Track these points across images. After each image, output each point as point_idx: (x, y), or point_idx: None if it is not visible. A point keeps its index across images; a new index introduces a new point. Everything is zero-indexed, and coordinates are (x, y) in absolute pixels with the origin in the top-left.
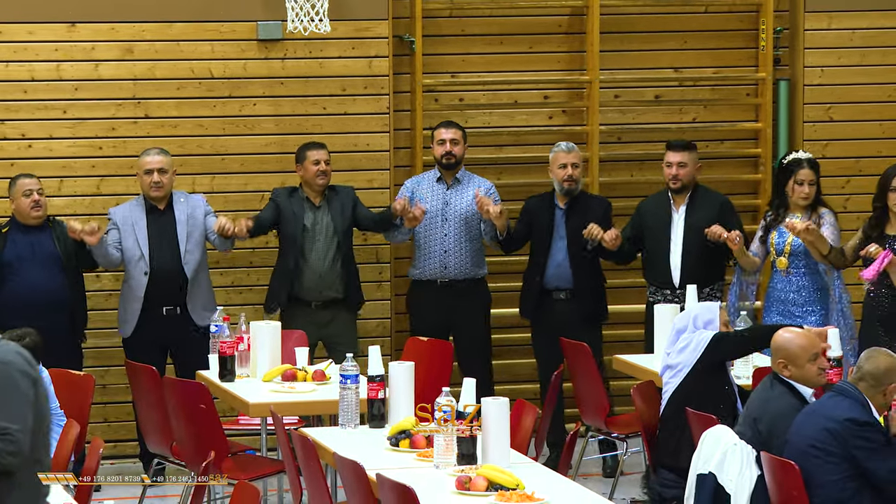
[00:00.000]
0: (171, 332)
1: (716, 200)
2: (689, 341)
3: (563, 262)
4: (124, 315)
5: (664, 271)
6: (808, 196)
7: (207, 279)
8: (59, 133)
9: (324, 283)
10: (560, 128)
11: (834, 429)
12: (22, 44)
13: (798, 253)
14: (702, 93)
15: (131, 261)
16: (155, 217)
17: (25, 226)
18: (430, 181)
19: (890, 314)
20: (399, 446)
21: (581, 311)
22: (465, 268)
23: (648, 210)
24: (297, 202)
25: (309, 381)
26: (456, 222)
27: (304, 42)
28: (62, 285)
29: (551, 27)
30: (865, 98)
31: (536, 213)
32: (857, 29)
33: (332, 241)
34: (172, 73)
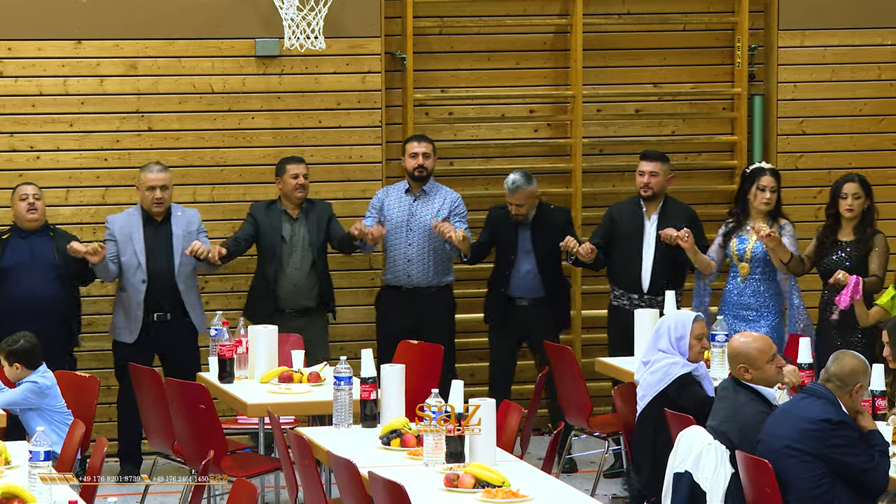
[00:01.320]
0: (163, 338)
1: (685, 211)
2: (659, 365)
3: (527, 272)
4: (124, 322)
5: (634, 277)
6: (770, 202)
7: (197, 290)
8: (65, 145)
9: (300, 292)
10: (545, 140)
11: (809, 429)
12: (30, 60)
13: (758, 259)
14: (680, 107)
15: (129, 269)
16: (152, 228)
17: (25, 232)
18: (398, 192)
19: (842, 320)
20: (390, 445)
21: (544, 318)
22: (429, 276)
23: (620, 217)
24: (276, 215)
25: (304, 383)
26: (420, 233)
27: (300, 58)
28: (57, 292)
29: (537, 44)
30: (836, 112)
31: (499, 224)
32: (828, 46)
33: (308, 253)
34: (174, 87)
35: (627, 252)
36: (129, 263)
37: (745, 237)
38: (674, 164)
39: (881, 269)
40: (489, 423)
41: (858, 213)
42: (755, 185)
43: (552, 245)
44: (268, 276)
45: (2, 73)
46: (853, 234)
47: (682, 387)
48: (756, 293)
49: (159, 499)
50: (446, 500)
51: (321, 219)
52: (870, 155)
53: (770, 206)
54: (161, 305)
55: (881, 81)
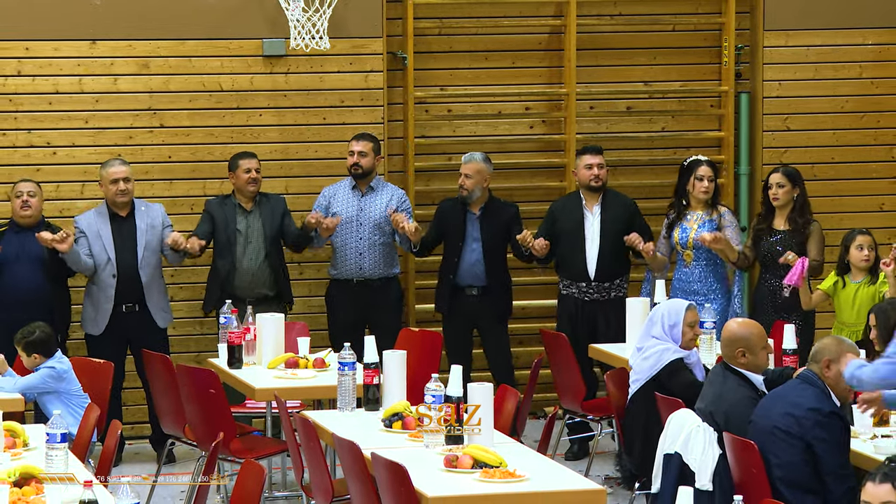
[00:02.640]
0: (132, 328)
1: (625, 202)
2: (651, 351)
3: (475, 262)
4: (93, 314)
5: (580, 266)
6: (708, 190)
7: (162, 282)
8: (81, 141)
9: (256, 281)
10: (540, 136)
11: (798, 415)
12: (47, 59)
13: (700, 246)
14: (669, 104)
15: (100, 264)
16: (118, 224)
17: (20, 227)
18: (346, 189)
19: (784, 301)
20: (392, 427)
21: (490, 306)
22: (379, 268)
23: (561, 212)
24: (230, 208)
25: (310, 369)
26: (369, 227)
27: (305, 58)
28: (43, 285)
29: (532, 44)
30: (819, 109)
31: (448, 216)
32: (811, 46)
33: (262, 244)
34: (185, 86)
35: (572, 245)
36: (98, 258)
37: (687, 226)
38: (664, 159)
39: (820, 254)
40: (487, 406)
41: (785, 202)
42: (693, 176)
43: (499, 236)
44: (225, 267)
45: (20, 72)
46: (787, 223)
47: (672, 372)
48: (702, 278)
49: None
50: (446, 479)
51: (275, 212)
52: (851, 150)
53: (708, 195)
54: (128, 298)
55: (862, 80)
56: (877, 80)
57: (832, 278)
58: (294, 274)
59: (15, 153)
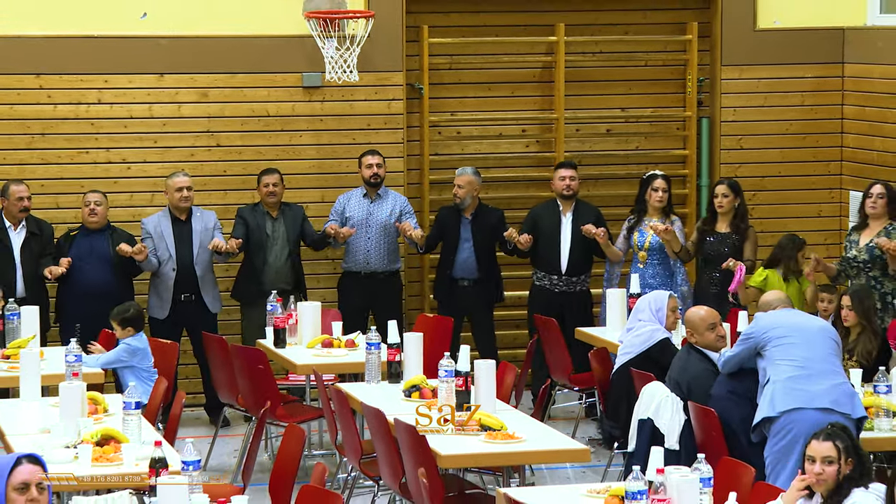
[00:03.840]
0: (188, 314)
1: (592, 210)
2: (643, 330)
3: (467, 258)
4: (158, 302)
5: (554, 261)
6: (662, 200)
7: (213, 275)
8: (150, 158)
9: (279, 277)
10: (534, 154)
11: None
12: (122, 90)
13: (654, 249)
14: (642, 127)
15: (162, 261)
16: (178, 226)
17: (89, 231)
18: (357, 197)
19: (717, 293)
20: (411, 397)
21: (480, 295)
22: (383, 263)
23: (541, 216)
24: (259, 215)
25: (342, 348)
26: (376, 229)
27: (338, 88)
28: (110, 281)
29: (527, 77)
30: (768, 131)
31: (447, 220)
32: (761, 78)
33: (286, 245)
34: (237, 112)
35: (548, 242)
36: (161, 256)
37: (644, 231)
38: (638, 173)
39: (754, 254)
40: (490, 380)
41: (728, 209)
42: (650, 187)
43: (487, 236)
44: (255, 264)
45: (100, 100)
46: (728, 227)
47: (664, 348)
48: (654, 275)
49: (227, 440)
50: (456, 441)
51: (296, 219)
52: (796, 166)
53: (663, 204)
54: (186, 288)
55: (804, 107)
56: (816, 107)
57: (761, 274)
58: (309, 269)
59: (96, 168)
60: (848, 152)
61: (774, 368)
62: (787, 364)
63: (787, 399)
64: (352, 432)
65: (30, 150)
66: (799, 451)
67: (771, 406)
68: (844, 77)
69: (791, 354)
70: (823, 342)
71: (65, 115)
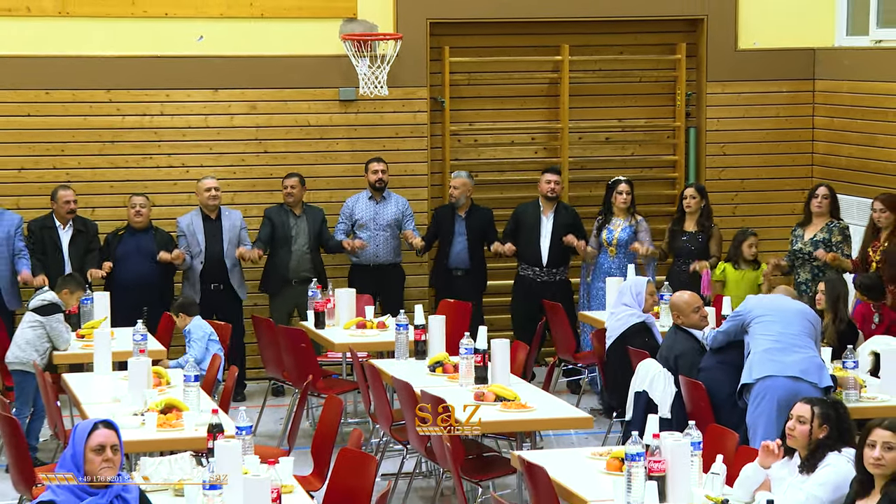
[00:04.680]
0: (219, 300)
1: (571, 212)
2: (621, 315)
3: (461, 251)
4: (190, 291)
5: (536, 255)
6: (626, 201)
7: (240, 268)
8: (206, 163)
9: (301, 267)
10: (542, 159)
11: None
12: (182, 103)
13: (621, 244)
14: (637, 136)
15: (194, 255)
16: (209, 224)
17: (134, 230)
18: (364, 199)
19: (687, 281)
20: (435, 372)
21: (471, 284)
22: (388, 257)
23: (524, 214)
24: (285, 214)
25: (374, 329)
26: (382, 227)
27: (370, 101)
28: (153, 273)
29: (536, 92)
30: (748, 140)
31: (442, 219)
32: (741, 93)
33: (307, 241)
34: (282, 122)
35: (531, 239)
36: (192, 250)
37: (612, 229)
38: (632, 177)
39: (718, 250)
40: (504, 357)
41: (695, 210)
42: (615, 191)
43: (478, 232)
44: (280, 256)
45: (162, 112)
46: (695, 226)
47: (635, 332)
48: (620, 267)
49: (274, 409)
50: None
51: (316, 219)
52: (772, 170)
53: (626, 205)
54: (216, 279)
55: (779, 117)
56: (790, 118)
57: (720, 267)
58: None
59: (158, 171)
60: (818, 158)
61: (755, 342)
62: (764, 338)
63: (762, 368)
64: (383, 402)
65: (101, 155)
66: (769, 414)
67: (749, 373)
68: (815, 92)
69: (769, 330)
70: (800, 321)
71: (131, 125)
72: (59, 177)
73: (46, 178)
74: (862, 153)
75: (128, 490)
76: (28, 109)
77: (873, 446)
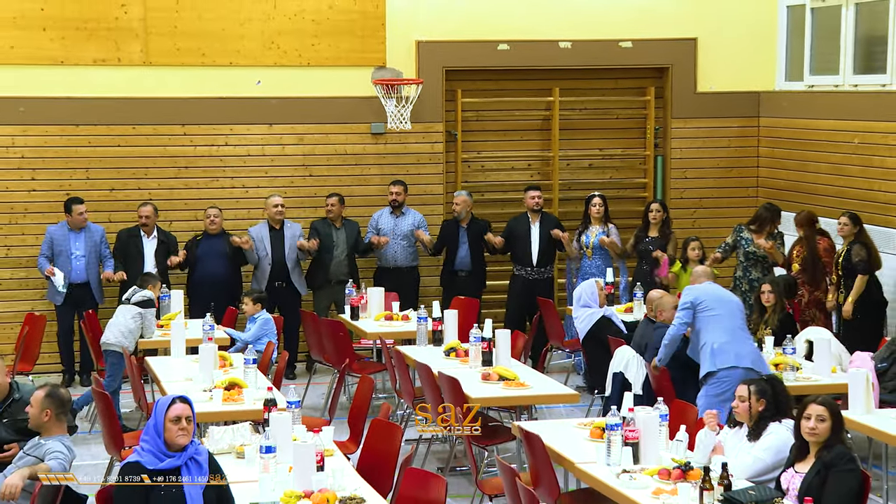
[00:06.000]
0: (281, 295)
1: (553, 219)
2: (584, 315)
3: (464, 256)
4: (258, 287)
5: (527, 257)
6: (599, 212)
7: (300, 268)
8: (262, 185)
9: (340, 270)
10: (536, 181)
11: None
12: (242, 135)
13: (597, 248)
14: (614, 162)
15: (262, 258)
16: (274, 233)
17: (210, 236)
18: (386, 214)
19: (651, 279)
20: (449, 356)
21: (473, 283)
22: (406, 260)
23: (516, 225)
24: (327, 226)
25: (400, 321)
26: (401, 236)
27: (396, 134)
28: (226, 272)
29: (532, 126)
30: (705, 166)
31: (449, 229)
32: (700, 127)
33: (345, 248)
34: (325, 151)
35: (523, 244)
36: (260, 253)
37: (589, 234)
38: (611, 196)
39: (674, 251)
40: (506, 344)
41: (658, 220)
42: (590, 204)
43: (478, 240)
44: (323, 260)
45: (227, 143)
46: (657, 232)
47: (601, 327)
48: (597, 266)
49: (317, 386)
50: (482, 387)
51: (352, 230)
52: (724, 190)
53: (600, 215)
54: (279, 277)
55: (730, 147)
56: (739, 148)
57: (677, 265)
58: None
59: (223, 191)
60: (762, 181)
61: (709, 334)
62: (719, 331)
63: (725, 358)
64: (407, 381)
65: (177, 178)
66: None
67: (712, 363)
68: (759, 127)
69: (721, 324)
70: (740, 314)
71: (201, 153)
72: (142, 196)
73: (132, 197)
74: (797, 177)
75: (199, 453)
76: (118, 141)
77: (809, 418)
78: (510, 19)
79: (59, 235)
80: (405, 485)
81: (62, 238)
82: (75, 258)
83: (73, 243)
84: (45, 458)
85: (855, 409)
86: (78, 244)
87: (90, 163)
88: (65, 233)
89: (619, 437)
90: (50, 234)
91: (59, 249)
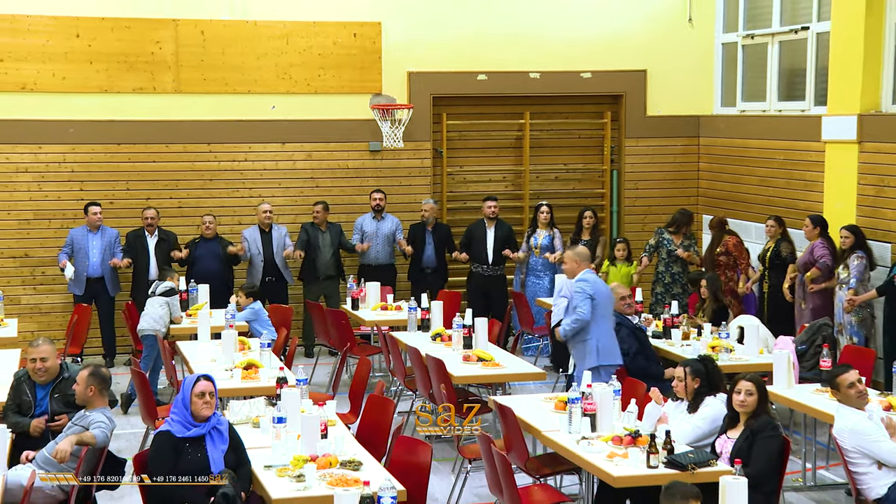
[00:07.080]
0: (272, 289)
1: (506, 226)
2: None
3: (430, 255)
4: (252, 281)
5: (483, 257)
6: (546, 218)
7: (286, 265)
8: (277, 195)
9: (327, 267)
10: (511, 192)
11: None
12: (260, 152)
13: (543, 247)
14: (577, 175)
15: (254, 256)
16: (264, 235)
17: (205, 239)
18: (368, 218)
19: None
20: (436, 341)
21: (437, 279)
22: (386, 259)
23: (475, 229)
24: (315, 230)
25: (393, 310)
26: (381, 238)
27: (391, 151)
28: (221, 270)
29: (507, 144)
30: (654, 178)
31: (417, 232)
32: (649, 146)
33: (330, 248)
34: (330, 166)
35: (480, 246)
36: (255, 253)
37: (537, 237)
38: (572, 205)
39: (603, 253)
40: (484, 330)
41: (590, 225)
42: (539, 211)
43: (442, 242)
44: (314, 259)
45: (246, 159)
46: (589, 235)
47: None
48: (543, 264)
49: (322, 367)
50: (463, 366)
51: (336, 233)
52: (670, 199)
53: (547, 221)
54: (270, 273)
55: (675, 163)
56: (682, 163)
57: (605, 264)
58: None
59: (241, 200)
60: (702, 191)
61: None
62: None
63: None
64: (399, 362)
65: (202, 189)
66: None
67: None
68: (700, 145)
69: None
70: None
71: (224, 168)
72: (173, 205)
73: (165, 206)
74: (731, 188)
75: (221, 423)
76: (153, 157)
77: (739, 392)
78: (488, 53)
79: (79, 236)
80: (397, 450)
81: (81, 238)
82: (92, 256)
83: (90, 242)
84: (90, 427)
85: (778, 384)
86: (94, 243)
87: (129, 176)
88: (84, 234)
89: (579, 409)
90: (71, 234)
91: (79, 247)
